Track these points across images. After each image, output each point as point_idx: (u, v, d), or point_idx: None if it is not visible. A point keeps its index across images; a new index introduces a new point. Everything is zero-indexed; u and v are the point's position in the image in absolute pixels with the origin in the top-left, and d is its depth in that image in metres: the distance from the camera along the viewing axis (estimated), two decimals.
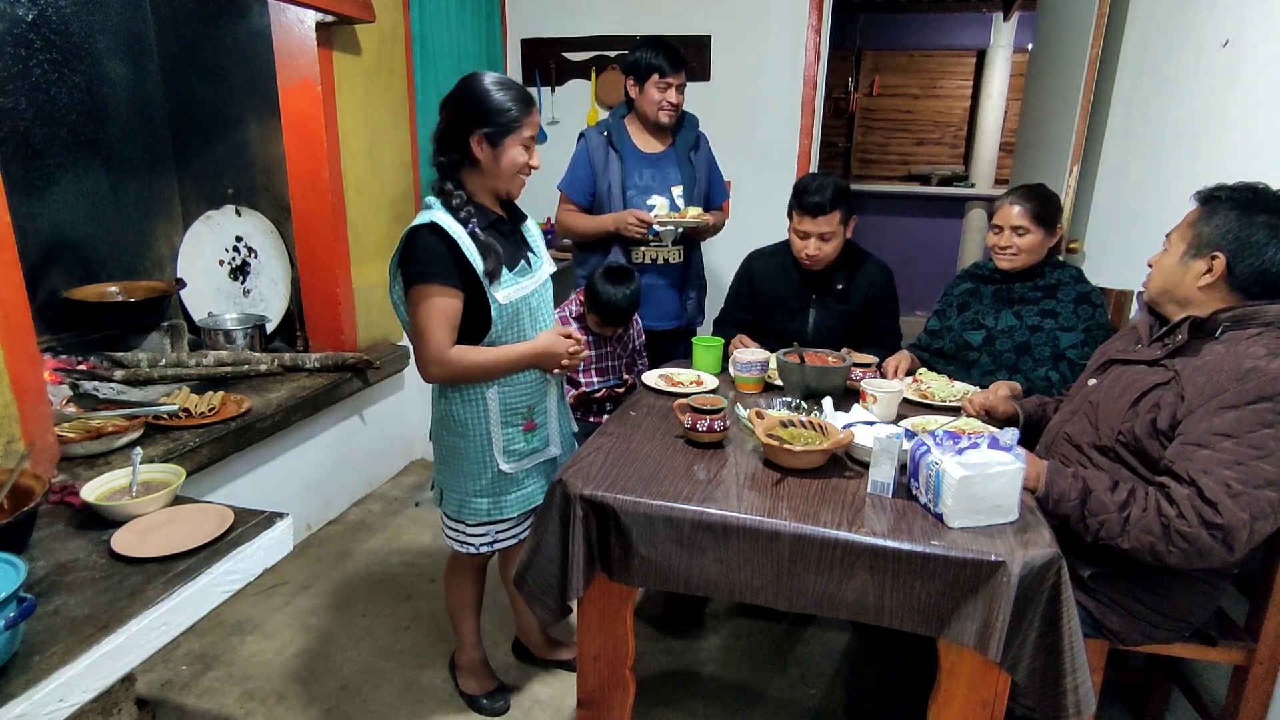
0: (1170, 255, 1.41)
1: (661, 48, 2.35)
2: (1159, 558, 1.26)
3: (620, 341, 2.21)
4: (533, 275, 1.61)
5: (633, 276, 2.06)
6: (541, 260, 1.65)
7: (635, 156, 2.47)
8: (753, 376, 1.92)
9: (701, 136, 2.57)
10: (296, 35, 2.50)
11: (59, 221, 2.05)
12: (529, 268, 1.60)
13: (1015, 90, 5.87)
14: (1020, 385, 1.83)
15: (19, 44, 1.88)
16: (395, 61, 2.99)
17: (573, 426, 1.80)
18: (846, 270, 2.19)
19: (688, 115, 2.53)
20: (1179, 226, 1.42)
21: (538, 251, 1.65)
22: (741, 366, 1.93)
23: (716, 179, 2.64)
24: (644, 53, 2.35)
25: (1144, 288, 1.49)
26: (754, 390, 1.93)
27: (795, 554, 1.23)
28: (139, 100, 2.20)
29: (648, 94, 2.38)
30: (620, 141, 2.45)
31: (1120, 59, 2.39)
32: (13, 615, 0.88)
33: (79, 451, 1.66)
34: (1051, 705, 1.19)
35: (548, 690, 1.92)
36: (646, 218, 2.34)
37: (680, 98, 2.41)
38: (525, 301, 1.56)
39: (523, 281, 1.56)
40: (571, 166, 2.50)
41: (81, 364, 1.99)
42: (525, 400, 1.60)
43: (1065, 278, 1.95)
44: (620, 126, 2.48)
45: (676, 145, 2.50)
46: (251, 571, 1.20)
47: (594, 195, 2.48)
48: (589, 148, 2.47)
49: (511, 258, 1.55)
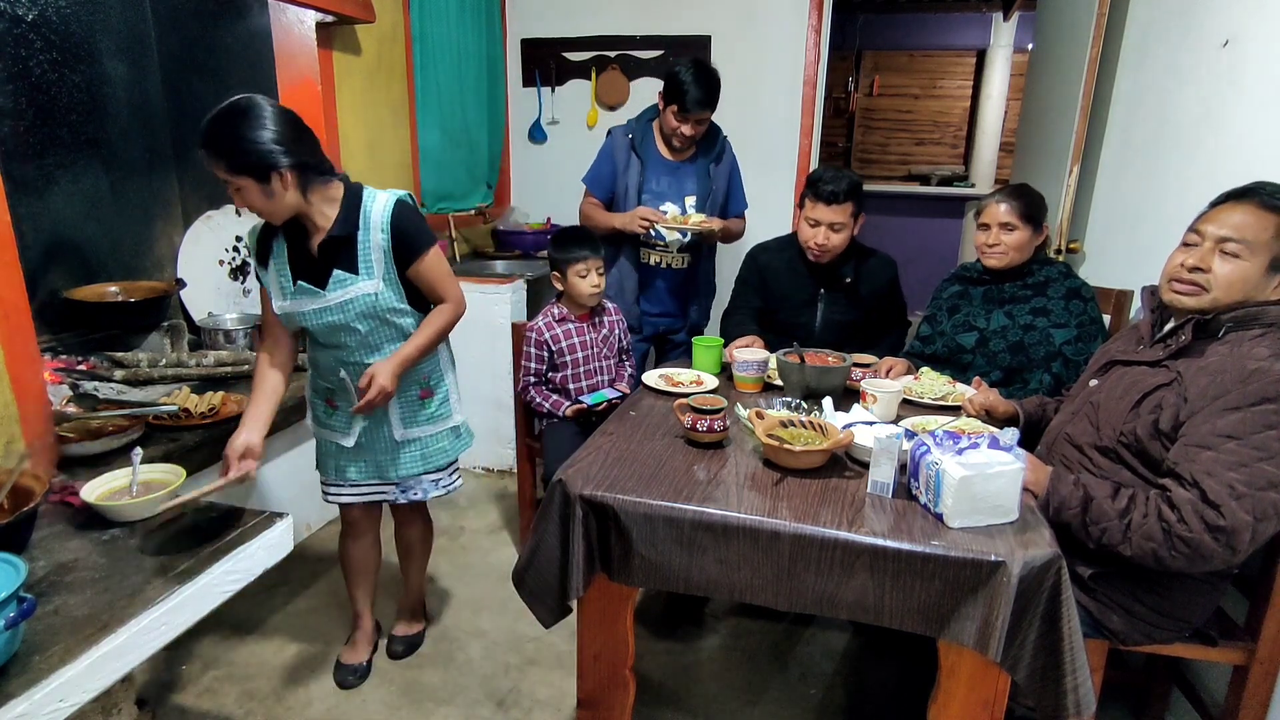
0: (1251, 267, 1.29)
1: (698, 84, 2.30)
2: (1162, 563, 1.26)
3: (598, 333, 2.25)
4: (319, 296, 1.59)
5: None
6: (346, 285, 1.59)
7: (656, 162, 2.52)
8: (751, 376, 1.92)
9: (726, 148, 2.61)
10: (296, 35, 2.50)
11: (59, 221, 2.05)
12: (315, 288, 1.59)
13: (1015, 90, 5.87)
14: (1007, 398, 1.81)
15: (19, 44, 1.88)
16: (395, 61, 3.00)
17: (395, 435, 1.75)
18: (853, 264, 2.20)
19: (714, 126, 2.55)
20: (1252, 236, 1.29)
21: (342, 274, 1.59)
22: (741, 366, 1.92)
23: (736, 190, 2.67)
24: (680, 77, 2.32)
25: (1176, 289, 1.37)
26: (753, 390, 1.93)
27: (795, 554, 1.23)
28: (139, 100, 2.20)
29: (666, 118, 2.43)
30: (644, 146, 2.50)
31: (1120, 59, 2.39)
32: (13, 615, 0.88)
33: (79, 451, 1.66)
34: (1051, 705, 1.19)
35: (548, 690, 1.92)
36: (654, 216, 2.39)
37: (696, 130, 2.41)
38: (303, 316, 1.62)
39: (302, 299, 1.60)
40: (596, 162, 2.58)
41: (81, 364, 1.99)
42: (325, 385, 1.76)
43: (1054, 274, 1.95)
44: (647, 131, 2.52)
45: (698, 156, 2.55)
46: (251, 571, 1.20)
47: (614, 192, 2.54)
48: (613, 147, 2.53)
49: (301, 267, 1.60)
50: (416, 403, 1.76)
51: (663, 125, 2.46)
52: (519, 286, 3.05)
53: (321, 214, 1.56)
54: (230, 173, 1.41)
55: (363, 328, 1.63)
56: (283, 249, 1.61)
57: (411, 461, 1.79)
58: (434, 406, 1.79)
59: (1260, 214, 1.29)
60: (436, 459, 1.81)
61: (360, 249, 1.58)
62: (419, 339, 1.65)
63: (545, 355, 2.21)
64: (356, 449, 1.76)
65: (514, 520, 2.75)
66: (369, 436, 1.76)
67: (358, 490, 1.83)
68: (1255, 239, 1.29)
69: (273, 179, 1.43)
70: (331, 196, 1.57)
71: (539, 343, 2.20)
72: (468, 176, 3.49)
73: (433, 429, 1.80)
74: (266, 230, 1.62)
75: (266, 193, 1.45)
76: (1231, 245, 1.31)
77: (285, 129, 1.43)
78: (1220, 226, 1.32)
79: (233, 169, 1.41)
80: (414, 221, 1.62)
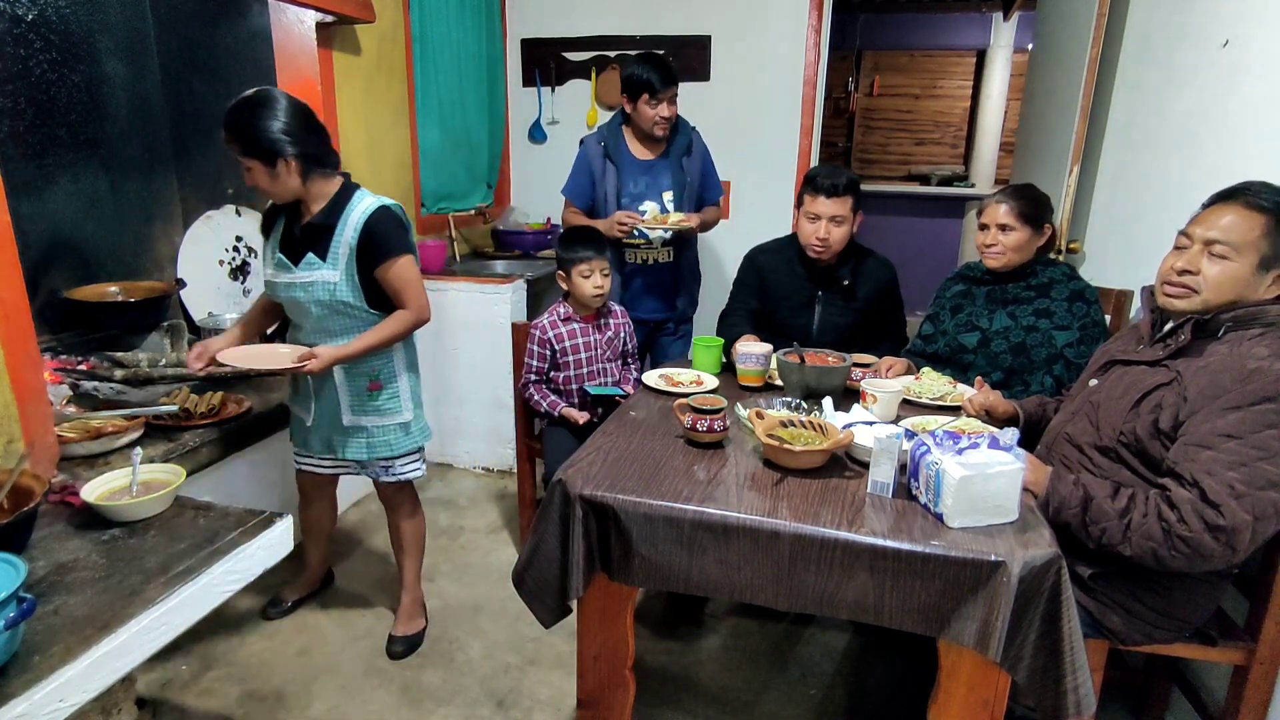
0: (1240, 267, 1.30)
1: (652, 64, 2.43)
2: (1162, 563, 1.26)
3: (603, 334, 2.25)
4: (290, 271, 1.77)
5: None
6: (313, 268, 1.75)
7: (630, 164, 2.59)
8: (752, 368, 1.92)
9: (694, 139, 2.68)
10: (296, 35, 2.50)
11: (59, 221, 2.05)
12: (287, 263, 1.77)
13: (1015, 90, 5.87)
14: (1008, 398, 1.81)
15: (19, 44, 1.88)
16: (395, 61, 2.99)
17: (344, 420, 1.87)
18: (851, 266, 2.20)
19: (680, 120, 2.62)
20: (1238, 237, 1.30)
21: (313, 258, 1.75)
22: (742, 358, 1.93)
23: (711, 178, 2.74)
24: (636, 69, 2.44)
25: (1168, 293, 1.39)
26: (754, 383, 1.93)
27: (795, 554, 1.23)
28: (139, 100, 2.20)
29: (641, 111, 2.49)
30: (616, 150, 2.58)
31: (1120, 59, 2.39)
32: (13, 615, 0.88)
33: (79, 451, 1.66)
34: (1051, 705, 1.19)
35: (548, 690, 1.92)
36: (632, 219, 2.46)
37: (673, 109, 2.51)
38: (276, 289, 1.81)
39: (279, 273, 1.79)
40: (573, 174, 2.65)
41: (81, 364, 1.99)
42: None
43: (1058, 276, 1.95)
44: (617, 134, 2.60)
45: (669, 152, 2.62)
46: (251, 571, 1.20)
47: (594, 200, 2.61)
48: (588, 156, 2.61)
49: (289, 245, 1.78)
50: (365, 393, 1.87)
51: (640, 123, 2.52)
52: (519, 286, 3.05)
53: (315, 201, 1.74)
54: (243, 154, 1.64)
55: (316, 311, 1.78)
56: (280, 226, 1.81)
57: (358, 447, 1.91)
58: (381, 400, 1.89)
59: (1247, 214, 1.30)
60: (381, 450, 1.92)
61: (334, 241, 1.73)
62: (367, 338, 1.78)
63: (548, 354, 2.21)
64: (314, 426, 1.92)
65: (514, 520, 2.75)
66: (322, 416, 1.90)
67: (322, 463, 2.01)
68: (1242, 240, 1.30)
69: (278, 164, 1.64)
70: (328, 189, 1.75)
71: (542, 341, 2.20)
72: (468, 176, 3.49)
73: (380, 420, 1.90)
74: (274, 207, 1.83)
75: (272, 175, 1.66)
76: (1219, 247, 1.32)
77: (295, 122, 1.65)
78: (1208, 229, 1.33)
79: (245, 151, 1.64)
80: (389, 229, 1.74)
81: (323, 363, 1.71)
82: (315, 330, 1.82)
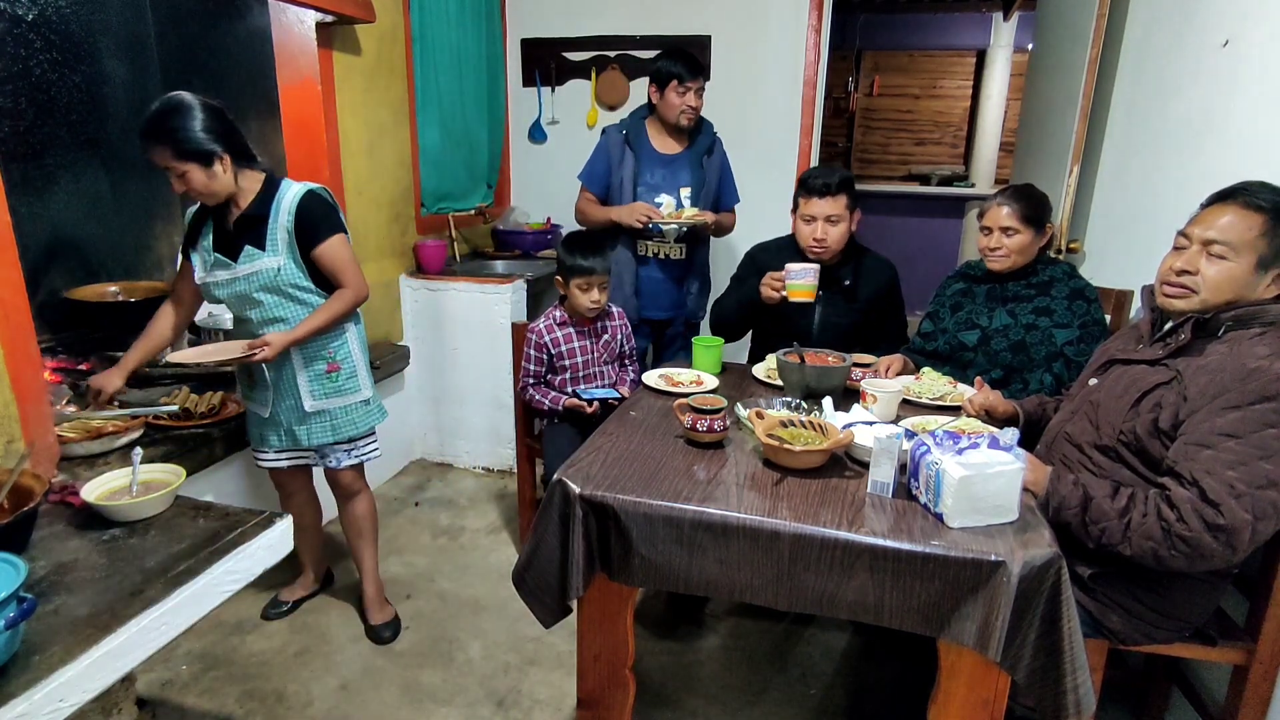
0: (1237, 267, 1.30)
1: (680, 56, 2.51)
2: (1161, 562, 1.26)
3: (599, 338, 2.25)
4: (230, 268, 1.78)
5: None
6: (254, 259, 1.77)
7: (650, 156, 2.62)
8: (804, 283, 1.98)
9: (717, 142, 2.72)
10: (296, 35, 2.50)
11: (59, 221, 2.05)
12: (226, 259, 1.79)
13: (1015, 90, 5.88)
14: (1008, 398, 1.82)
15: (19, 44, 1.88)
16: (395, 61, 2.99)
17: (305, 407, 1.88)
18: (852, 267, 2.20)
19: (704, 122, 2.67)
20: (1236, 237, 1.30)
21: (252, 249, 1.77)
22: (795, 274, 1.99)
23: (728, 183, 2.77)
24: (665, 61, 2.51)
25: (1167, 293, 1.39)
26: (806, 298, 2.00)
27: (795, 554, 1.23)
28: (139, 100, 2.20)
29: (668, 99, 2.53)
30: (637, 141, 2.61)
31: (1120, 59, 2.39)
32: (13, 615, 0.88)
33: (79, 451, 1.66)
34: (1051, 705, 1.19)
35: (548, 690, 1.92)
36: (653, 213, 2.49)
37: (699, 101, 2.56)
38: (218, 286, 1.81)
39: (217, 272, 1.80)
40: (591, 160, 2.68)
41: (82, 364, 1.99)
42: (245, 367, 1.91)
43: (1058, 274, 1.95)
44: (640, 127, 2.63)
45: (691, 149, 2.65)
46: (251, 571, 1.20)
47: (609, 187, 2.63)
48: (608, 144, 2.64)
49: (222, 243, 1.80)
50: (325, 376, 1.90)
51: (666, 113, 2.55)
52: (519, 286, 3.05)
53: (245, 196, 1.77)
54: (176, 159, 1.62)
55: (265, 299, 1.80)
56: (209, 230, 1.82)
57: (322, 431, 1.93)
58: (341, 380, 1.92)
59: (1244, 214, 1.30)
60: (346, 430, 1.95)
61: (269, 229, 1.77)
62: (313, 320, 1.80)
63: (545, 357, 2.21)
64: (272, 419, 1.92)
65: (514, 520, 2.75)
66: (280, 407, 1.90)
67: (280, 456, 2.00)
68: (1240, 239, 1.30)
69: (214, 163, 1.66)
70: (255, 183, 1.78)
71: (539, 344, 2.20)
72: (468, 176, 3.48)
73: (342, 401, 1.93)
74: (199, 213, 1.83)
75: (209, 175, 1.67)
76: (1217, 247, 1.32)
77: (218, 120, 1.67)
78: (1206, 229, 1.34)
79: (180, 156, 1.62)
80: (318, 210, 1.79)
81: (275, 349, 1.73)
82: (264, 321, 1.83)
